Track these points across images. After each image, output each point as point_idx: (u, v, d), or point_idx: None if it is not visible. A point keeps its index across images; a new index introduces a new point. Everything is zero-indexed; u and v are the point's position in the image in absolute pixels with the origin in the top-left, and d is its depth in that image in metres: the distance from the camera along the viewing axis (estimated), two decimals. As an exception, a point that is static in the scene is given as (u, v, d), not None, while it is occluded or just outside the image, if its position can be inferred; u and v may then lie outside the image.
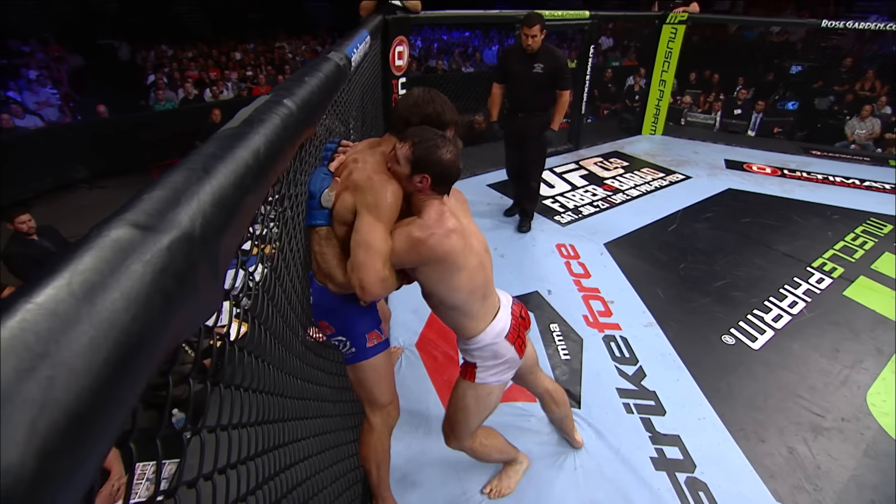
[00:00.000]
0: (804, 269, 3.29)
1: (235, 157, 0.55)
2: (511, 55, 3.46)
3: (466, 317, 1.34)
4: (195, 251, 0.39)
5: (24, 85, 7.13)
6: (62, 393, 0.24)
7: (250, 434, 0.76)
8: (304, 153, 1.10)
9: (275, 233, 0.95)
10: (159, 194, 0.42)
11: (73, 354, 0.26)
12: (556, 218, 4.11)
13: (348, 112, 1.96)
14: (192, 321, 0.38)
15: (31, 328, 0.25)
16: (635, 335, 2.68)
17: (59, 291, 0.28)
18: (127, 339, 0.29)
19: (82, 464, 0.24)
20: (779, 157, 5.60)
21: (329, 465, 1.37)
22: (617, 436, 2.08)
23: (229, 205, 0.48)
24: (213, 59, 9.69)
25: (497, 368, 1.44)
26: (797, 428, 2.09)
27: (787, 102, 7.08)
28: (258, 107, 0.74)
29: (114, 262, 0.32)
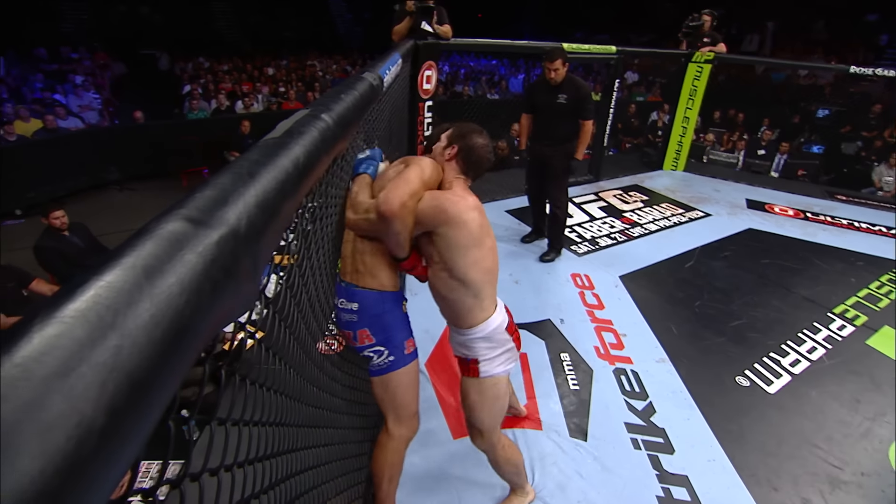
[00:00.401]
0: (825, 314, 3.22)
1: (277, 165, 0.58)
2: (537, 87, 3.60)
3: (477, 299, 1.39)
4: (240, 247, 0.42)
5: (69, 89, 7.49)
6: (127, 361, 0.27)
7: (261, 434, 0.78)
8: (335, 167, 1.15)
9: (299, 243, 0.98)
10: (210, 193, 0.46)
11: (137, 328, 0.29)
12: (572, 247, 4.11)
13: (374, 132, 2.02)
14: (230, 313, 0.41)
15: (104, 302, 0.28)
16: (646, 370, 2.65)
17: (125, 272, 0.31)
18: (179, 321, 0.32)
19: (139, 426, 0.27)
20: (802, 200, 5.55)
21: (335, 477, 1.37)
22: (623, 471, 2.04)
23: (270, 208, 0.51)
24: (246, 72, 10.06)
25: (500, 358, 1.48)
26: (813, 478, 2.02)
27: (812, 145, 7.04)
28: (298, 119, 0.79)
29: (170, 251, 0.35)
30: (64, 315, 0.27)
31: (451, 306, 1.43)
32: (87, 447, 0.23)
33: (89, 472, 0.23)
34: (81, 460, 0.22)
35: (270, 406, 0.77)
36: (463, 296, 1.39)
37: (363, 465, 1.86)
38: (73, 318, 0.27)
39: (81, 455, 0.22)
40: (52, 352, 0.24)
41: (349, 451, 1.61)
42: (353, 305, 1.42)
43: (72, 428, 0.23)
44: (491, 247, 1.40)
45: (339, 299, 1.46)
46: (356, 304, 1.42)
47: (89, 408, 0.24)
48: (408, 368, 1.50)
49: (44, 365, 0.24)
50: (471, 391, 1.53)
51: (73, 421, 0.23)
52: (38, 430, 0.22)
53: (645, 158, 6.97)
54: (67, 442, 0.22)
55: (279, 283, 0.86)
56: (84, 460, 0.23)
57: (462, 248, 1.33)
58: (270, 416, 0.77)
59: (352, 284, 1.43)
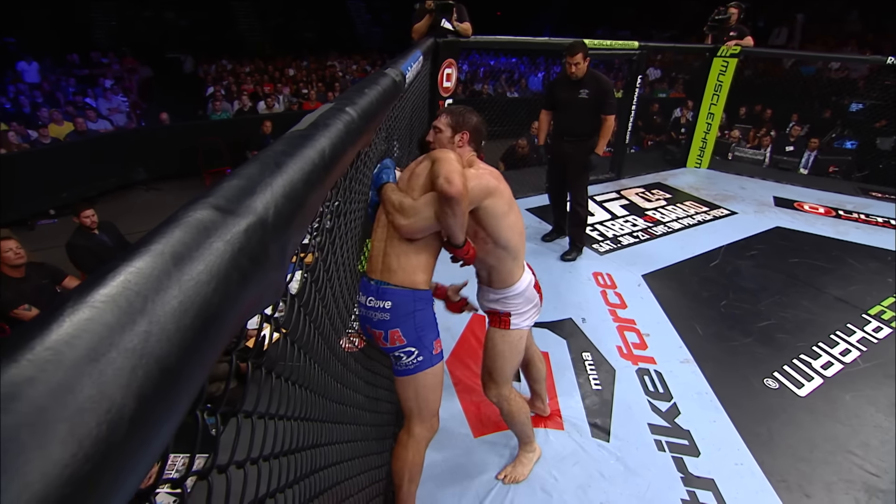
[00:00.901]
0: (859, 315, 3.10)
1: (304, 156, 0.58)
2: (558, 82, 3.54)
3: (515, 261, 1.57)
4: (268, 236, 0.42)
5: (99, 93, 7.71)
6: (156, 347, 0.26)
7: (286, 428, 0.77)
8: (359, 161, 1.14)
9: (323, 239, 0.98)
10: (237, 183, 0.45)
11: (166, 314, 0.28)
12: (594, 246, 4.05)
13: (394, 130, 2.02)
14: (258, 303, 0.40)
15: (133, 287, 0.28)
16: (671, 371, 2.58)
17: (155, 259, 0.31)
18: (207, 308, 0.31)
19: (169, 414, 0.26)
20: (833, 197, 5.35)
21: (356, 474, 1.37)
22: (647, 473, 1.99)
23: (297, 198, 0.51)
24: (268, 74, 10.21)
25: (529, 313, 1.66)
26: (848, 486, 1.94)
27: (844, 141, 6.78)
28: (323, 112, 0.79)
29: (199, 239, 0.35)
30: (94, 300, 0.26)
31: (494, 272, 1.58)
32: (118, 434, 0.22)
33: (119, 460, 0.22)
34: (112, 447, 0.22)
35: (295, 400, 0.77)
36: (505, 260, 1.55)
37: (383, 463, 1.87)
38: (104, 302, 0.26)
39: (112, 441, 0.22)
40: (82, 335, 0.24)
41: (370, 448, 1.61)
42: (386, 304, 1.40)
43: (102, 413, 0.22)
44: (517, 211, 1.54)
45: (366, 298, 1.44)
46: (389, 301, 1.40)
47: (119, 394, 0.23)
48: (435, 369, 1.49)
49: (74, 348, 0.23)
50: (498, 341, 1.67)
51: (104, 406, 0.22)
52: (68, 414, 0.21)
53: (668, 156, 6.83)
54: (98, 427, 0.22)
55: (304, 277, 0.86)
56: (114, 447, 0.22)
57: (502, 216, 1.47)
58: (295, 411, 0.76)
59: (383, 282, 1.41)
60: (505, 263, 1.56)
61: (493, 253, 1.53)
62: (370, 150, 1.42)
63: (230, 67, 10.33)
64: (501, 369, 1.71)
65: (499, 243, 1.51)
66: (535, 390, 2.20)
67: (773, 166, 6.62)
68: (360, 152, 1.13)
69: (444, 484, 1.92)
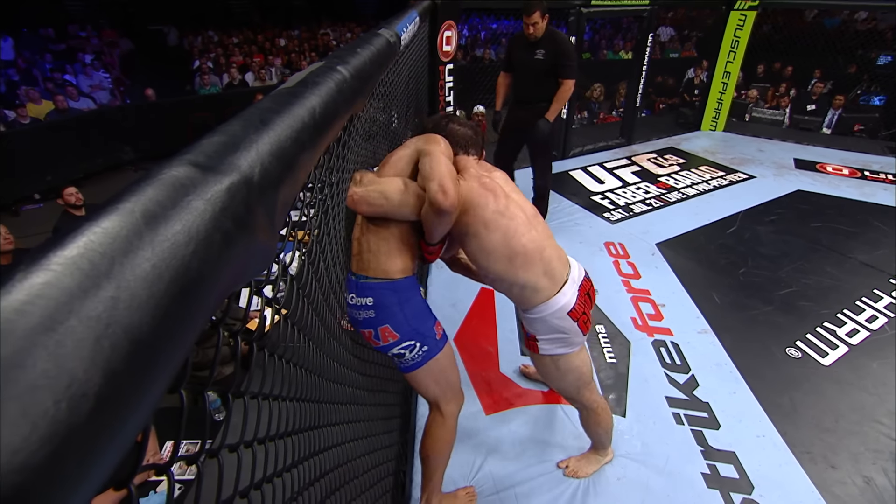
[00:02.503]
0: (886, 280, 3.06)
1: (292, 113, 0.54)
2: (515, 43, 3.34)
3: (521, 287, 1.36)
4: (253, 197, 0.38)
5: (79, 69, 7.57)
6: (125, 315, 0.23)
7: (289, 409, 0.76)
8: (352, 127, 1.10)
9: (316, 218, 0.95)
10: (218, 139, 0.42)
11: (137, 279, 0.25)
12: (605, 215, 4.00)
13: (392, 100, 1.96)
14: (246, 269, 0.38)
15: (97, 248, 0.25)
16: (688, 342, 2.58)
17: (123, 218, 0.28)
18: (186, 273, 0.28)
19: (143, 392, 0.24)
20: (858, 158, 5.25)
21: (364, 454, 1.38)
22: (665, 447, 2.00)
23: (286, 158, 0.47)
24: (257, 44, 9.99)
25: (557, 343, 1.45)
26: (876, 456, 1.94)
27: (871, 97, 6.58)
28: (312, 70, 0.74)
29: (175, 197, 0.32)
30: (51, 262, 0.23)
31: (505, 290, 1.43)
32: (81, 413, 0.20)
33: (84, 442, 0.20)
34: (74, 428, 0.19)
35: (295, 381, 0.75)
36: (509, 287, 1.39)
37: (392, 443, 1.88)
38: (62, 265, 0.23)
39: (73, 422, 0.19)
40: (36, 302, 0.21)
41: (377, 428, 1.61)
42: (367, 300, 1.35)
43: (61, 390, 0.19)
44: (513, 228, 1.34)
45: (349, 295, 1.39)
46: (370, 298, 1.35)
47: (81, 367, 0.20)
48: (445, 351, 1.46)
49: (26, 316, 0.20)
50: (538, 364, 1.55)
51: (63, 382, 0.20)
52: (18, 392, 0.18)
53: (681, 119, 6.70)
54: (56, 406, 0.19)
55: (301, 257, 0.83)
56: (77, 428, 0.19)
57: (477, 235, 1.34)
58: (296, 391, 0.75)
59: (362, 276, 1.36)
60: (510, 290, 1.40)
61: (493, 283, 1.44)
62: (366, 116, 1.38)
63: (217, 39, 10.10)
64: (558, 389, 1.61)
65: (488, 274, 1.38)
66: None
67: (793, 127, 6.47)
68: (354, 117, 1.09)
69: (458, 462, 1.94)
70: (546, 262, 1.36)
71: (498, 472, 1.91)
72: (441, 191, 1.21)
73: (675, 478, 1.88)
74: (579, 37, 4.72)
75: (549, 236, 1.43)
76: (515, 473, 1.90)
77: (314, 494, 0.88)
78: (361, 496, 1.30)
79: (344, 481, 1.14)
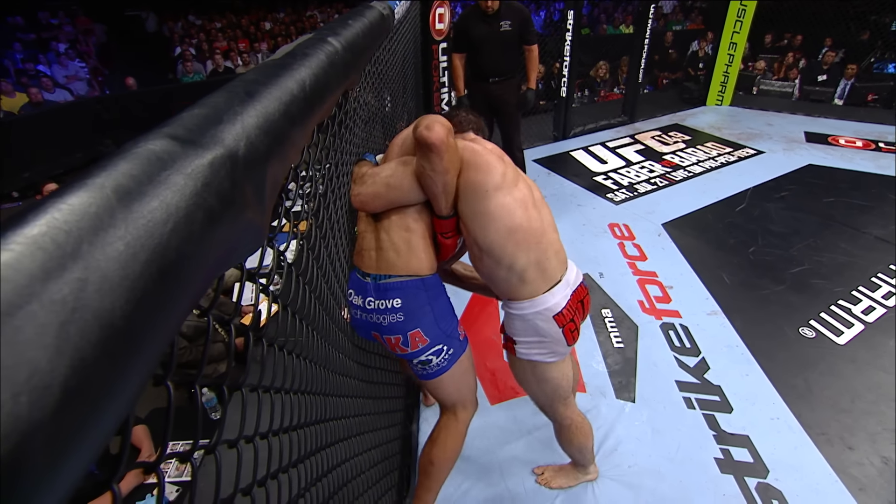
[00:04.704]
0: (902, 255, 3.05)
1: (280, 85, 0.52)
2: (470, 20, 3.30)
3: (511, 271, 1.25)
4: (239, 172, 0.36)
5: (53, 58, 7.45)
6: (95, 298, 0.21)
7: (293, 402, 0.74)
8: (347, 105, 1.07)
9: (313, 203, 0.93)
10: (200, 112, 0.40)
11: (108, 259, 0.23)
12: (608, 196, 3.98)
13: (385, 82, 1.92)
14: (235, 249, 0.36)
15: (62, 226, 0.23)
16: (697, 324, 2.57)
17: (92, 193, 0.26)
18: (165, 253, 0.26)
19: (118, 383, 0.22)
20: (873, 129, 5.21)
21: (369, 449, 1.37)
22: (676, 433, 2.00)
23: (275, 132, 0.45)
24: (242, 29, 9.85)
25: (537, 348, 1.34)
26: (893, 435, 1.95)
27: (886, 64, 6.51)
28: (302, 42, 0.72)
29: (151, 172, 0.30)
30: (9, 241, 0.21)
31: (489, 280, 1.33)
32: (44, 407, 0.18)
33: (51, 439, 0.18)
34: (37, 424, 0.17)
35: (297, 372, 0.74)
36: (495, 270, 1.27)
37: (397, 437, 1.87)
38: (22, 244, 0.21)
39: (36, 417, 0.17)
40: (-10, 285, 0.19)
41: (381, 422, 1.61)
42: (394, 302, 1.25)
43: (20, 382, 0.17)
44: (517, 202, 1.24)
45: (363, 298, 1.29)
46: (397, 299, 1.25)
47: (44, 357, 0.18)
48: (467, 353, 1.42)
49: (-21, 302, 0.18)
50: (512, 366, 1.45)
51: (22, 373, 0.18)
52: (-32, 385, 0.16)
53: (685, 94, 6.65)
54: (14, 400, 0.17)
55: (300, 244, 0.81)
56: (40, 424, 0.17)
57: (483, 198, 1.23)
58: (297, 384, 0.73)
59: (383, 276, 1.27)
60: (497, 273, 1.28)
61: (480, 259, 1.29)
62: (359, 98, 1.34)
63: (199, 24, 9.96)
64: (531, 394, 1.50)
65: (477, 241, 1.26)
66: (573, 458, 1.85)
67: (803, 99, 6.42)
68: (349, 93, 1.06)
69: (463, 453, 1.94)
70: (542, 252, 1.26)
71: (507, 460, 1.91)
72: (425, 127, 1.13)
73: (688, 463, 1.89)
74: (577, 11, 4.65)
75: (554, 228, 1.35)
76: (525, 463, 1.90)
77: (320, 491, 0.87)
78: (367, 492, 1.29)
79: (350, 477, 1.14)
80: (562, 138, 5.18)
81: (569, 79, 4.88)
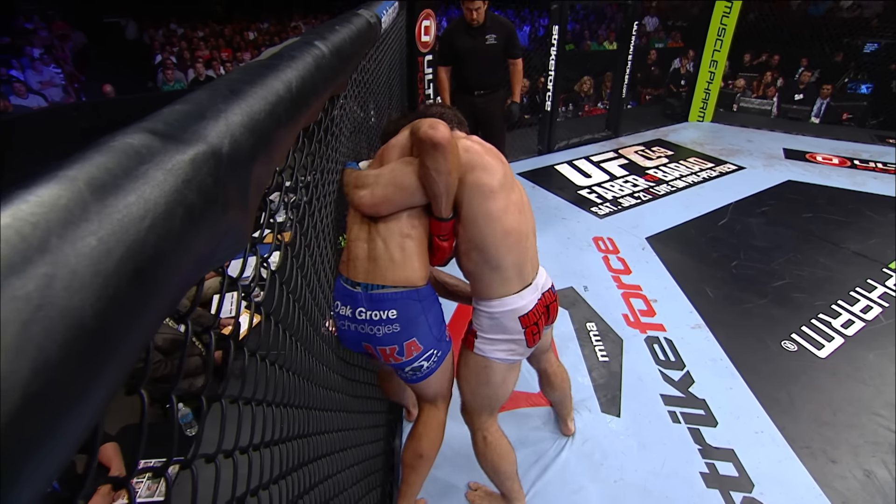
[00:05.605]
0: (880, 270, 3.12)
1: (267, 85, 0.51)
2: (455, 33, 3.36)
3: (495, 272, 1.30)
4: (222, 170, 0.35)
5: (27, 63, 7.31)
6: (62, 296, 0.20)
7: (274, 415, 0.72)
8: (334, 110, 1.06)
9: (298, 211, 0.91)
10: (181, 108, 0.38)
11: (78, 254, 0.22)
12: (592, 209, 4.02)
13: (370, 95, 1.92)
14: (217, 249, 0.34)
15: (28, 218, 0.21)
16: (681, 337, 2.59)
17: (63, 186, 0.24)
18: (142, 250, 0.25)
19: (86, 388, 0.20)
20: (848, 147, 5.38)
21: (350, 465, 1.34)
22: (662, 447, 2.00)
23: (260, 131, 0.44)
24: (224, 38, 9.81)
25: (500, 346, 1.38)
26: (875, 448, 1.97)
27: (859, 85, 6.76)
28: (288, 45, 0.71)
29: (129, 166, 0.28)
30: (-32, 234, 0.20)
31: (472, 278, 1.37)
32: (4, 412, 0.16)
33: (8, 448, 0.16)
34: (-9, 434, 0.16)
35: (280, 385, 0.72)
36: (482, 267, 1.31)
37: (379, 452, 1.84)
38: (-18, 237, 0.20)
39: (-9, 426, 0.16)
40: (-55, 279, 0.17)
41: (364, 437, 1.57)
42: (389, 313, 1.25)
43: (-26, 386, 0.16)
44: (510, 203, 1.29)
45: (353, 309, 1.27)
46: (393, 310, 1.25)
47: (3, 358, 0.17)
48: (451, 351, 1.46)
49: (-70, 297, 0.17)
50: (462, 360, 1.47)
51: (-23, 376, 0.16)
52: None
53: (668, 110, 6.79)
54: (-34, 406, 0.15)
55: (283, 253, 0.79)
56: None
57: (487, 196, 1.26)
58: (280, 396, 0.71)
59: (376, 286, 1.25)
60: (482, 271, 1.31)
61: (468, 254, 1.32)
62: (345, 102, 1.34)
63: (181, 32, 9.89)
64: (464, 393, 1.51)
65: (473, 240, 1.28)
66: (556, 410, 2.08)
67: (781, 116, 6.61)
68: (336, 98, 1.05)
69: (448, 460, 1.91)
70: (522, 254, 1.32)
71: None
72: (430, 126, 1.14)
73: (674, 478, 1.88)
74: (562, 27, 4.74)
75: (534, 232, 1.41)
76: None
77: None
78: (348, 510, 1.26)
79: (333, 494, 1.10)
80: (546, 152, 5.23)
81: (553, 93, 4.95)
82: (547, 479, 1.88)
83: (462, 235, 1.31)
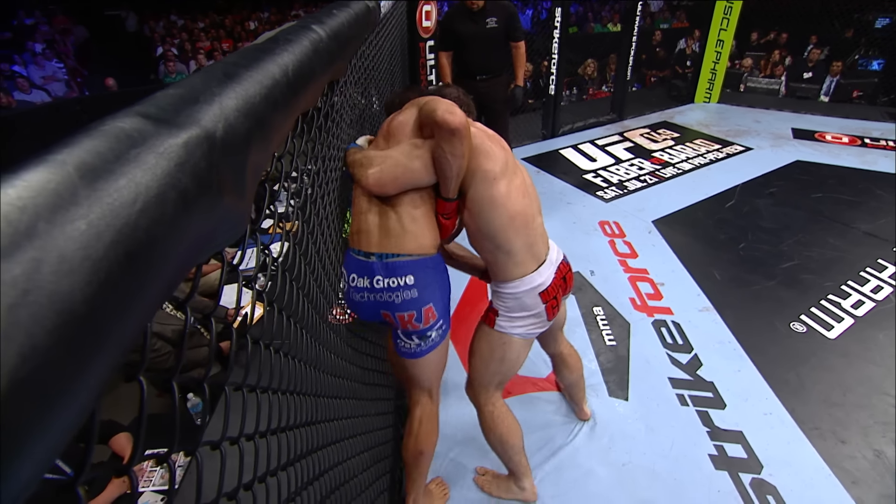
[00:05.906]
0: (890, 249, 3.08)
1: (262, 69, 0.50)
2: (456, 17, 3.31)
3: (509, 256, 1.34)
4: (217, 154, 0.34)
5: (29, 59, 7.30)
6: (51, 280, 0.19)
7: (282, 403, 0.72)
8: (333, 96, 1.05)
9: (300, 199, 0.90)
10: (174, 92, 0.37)
11: (67, 238, 0.21)
12: (598, 193, 3.99)
13: (371, 82, 1.90)
14: (213, 235, 0.34)
15: (14, 202, 0.21)
16: (689, 320, 2.58)
17: (51, 170, 0.23)
18: (133, 234, 0.24)
19: (77, 375, 0.20)
20: (858, 125, 5.30)
21: (360, 452, 1.35)
22: (670, 430, 2.00)
23: (256, 116, 0.43)
24: (225, 28, 9.76)
25: (521, 322, 1.42)
26: (885, 428, 1.96)
27: (870, 62, 6.62)
28: (284, 29, 0.69)
29: (119, 149, 0.28)
30: (-47, 219, 0.19)
31: (487, 263, 1.42)
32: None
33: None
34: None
35: (287, 372, 0.72)
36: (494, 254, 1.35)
37: (388, 439, 1.85)
38: (-33, 221, 0.19)
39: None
40: (-73, 264, 0.17)
41: (373, 424, 1.58)
42: (406, 279, 1.27)
43: (-42, 372, 0.15)
44: (515, 187, 1.32)
45: (369, 279, 1.29)
46: (410, 276, 1.27)
47: (-11, 343, 0.16)
48: (449, 336, 1.46)
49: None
50: (481, 337, 1.51)
51: (-39, 362, 0.16)
52: None
53: (673, 92, 6.71)
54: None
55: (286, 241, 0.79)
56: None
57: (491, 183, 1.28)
58: (287, 384, 0.71)
59: (391, 255, 1.27)
60: (496, 257, 1.35)
61: (479, 242, 1.37)
62: (345, 88, 1.32)
63: (182, 24, 9.84)
64: (476, 369, 1.55)
65: (481, 228, 1.31)
66: (570, 396, 2.08)
67: (790, 95, 6.50)
68: (336, 84, 1.04)
69: (460, 445, 1.92)
70: (532, 235, 1.36)
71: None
72: (448, 111, 1.15)
73: (682, 461, 1.89)
74: (565, 9, 4.66)
75: (540, 211, 1.43)
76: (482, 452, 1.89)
77: (311, 496, 0.84)
78: (359, 497, 1.27)
79: (342, 481, 1.11)
80: (551, 136, 5.19)
81: (557, 77, 4.89)
82: (555, 462, 1.89)
83: (471, 225, 1.35)
